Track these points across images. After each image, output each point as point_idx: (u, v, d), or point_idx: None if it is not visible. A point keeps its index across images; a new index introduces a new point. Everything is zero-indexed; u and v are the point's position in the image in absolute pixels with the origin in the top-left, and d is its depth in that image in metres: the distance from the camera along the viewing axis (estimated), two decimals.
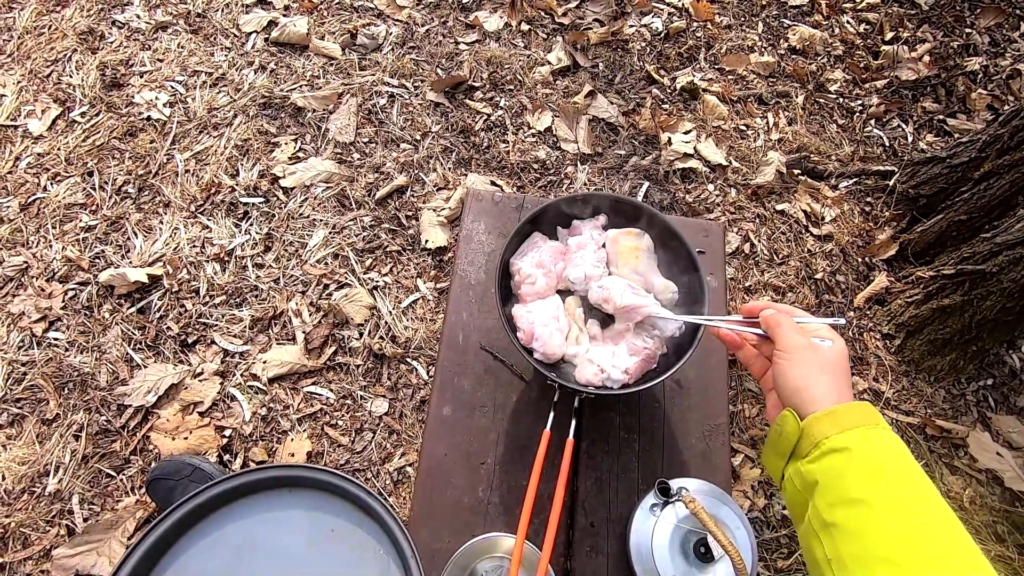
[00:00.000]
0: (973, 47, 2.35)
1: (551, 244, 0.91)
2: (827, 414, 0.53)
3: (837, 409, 0.53)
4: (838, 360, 0.57)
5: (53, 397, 1.50)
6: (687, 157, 1.97)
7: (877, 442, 0.51)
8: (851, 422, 0.52)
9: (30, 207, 1.78)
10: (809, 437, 0.53)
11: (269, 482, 0.77)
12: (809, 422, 0.54)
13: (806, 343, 0.58)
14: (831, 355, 0.58)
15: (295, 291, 1.67)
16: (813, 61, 2.29)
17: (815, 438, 0.53)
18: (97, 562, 1.32)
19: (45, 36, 2.11)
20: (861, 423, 0.52)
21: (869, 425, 0.52)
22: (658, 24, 2.30)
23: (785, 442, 0.56)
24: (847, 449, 0.51)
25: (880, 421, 0.53)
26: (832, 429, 0.52)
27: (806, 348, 0.58)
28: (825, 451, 0.52)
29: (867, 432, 0.52)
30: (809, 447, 0.53)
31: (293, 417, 1.50)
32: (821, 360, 0.57)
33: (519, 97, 2.06)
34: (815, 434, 0.53)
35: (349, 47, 2.14)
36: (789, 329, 0.60)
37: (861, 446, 0.51)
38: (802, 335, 0.59)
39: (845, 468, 0.50)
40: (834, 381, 0.56)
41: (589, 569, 0.84)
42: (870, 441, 0.51)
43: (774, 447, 0.58)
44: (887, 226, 1.91)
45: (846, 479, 0.50)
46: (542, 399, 0.94)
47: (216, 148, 1.89)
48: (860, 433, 0.51)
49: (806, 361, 0.57)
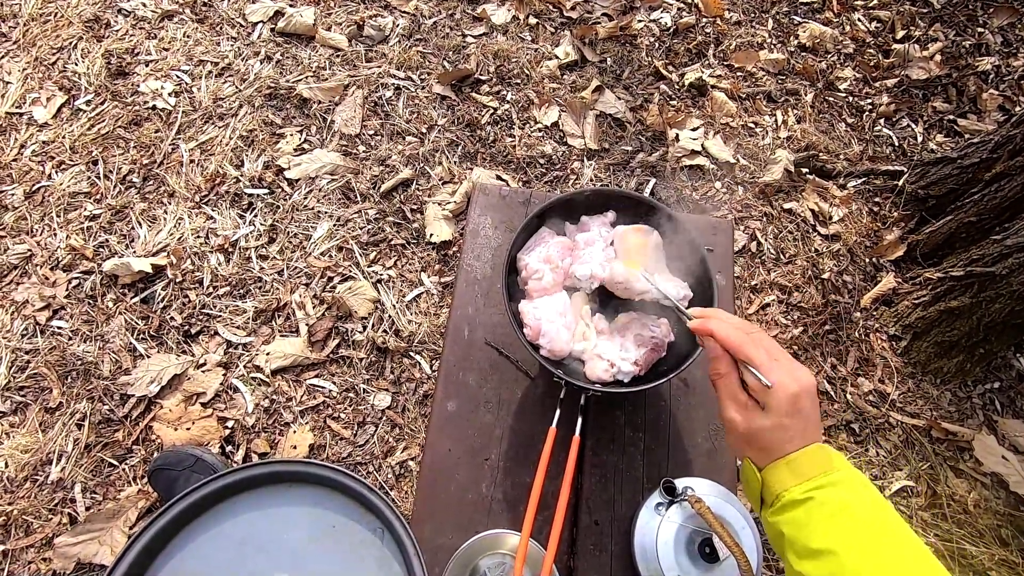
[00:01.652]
0: (985, 47, 2.33)
1: (559, 239, 0.90)
2: (784, 463, 0.52)
3: (793, 457, 0.52)
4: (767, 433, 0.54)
5: (56, 386, 1.50)
6: (694, 154, 1.95)
7: (837, 489, 0.50)
8: (808, 471, 0.51)
9: (35, 195, 1.78)
10: (769, 488, 0.53)
11: (270, 477, 0.76)
12: (766, 473, 0.54)
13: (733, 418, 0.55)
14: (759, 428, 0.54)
15: (299, 283, 1.66)
16: (823, 59, 2.27)
17: (775, 489, 0.53)
18: (99, 551, 1.32)
19: (51, 23, 2.10)
20: (818, 471, 0.51)
21: (826, 472, 0.51)
22: (667, 19, 2.27)
23: (752, 490, 0.56)
24: (807, 500, 0.50)
25: (835, 463, 0.52)
26: (790, 480, 0.52)
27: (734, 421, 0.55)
28: (786, 503, 0.52)
29: (825, 479, 0.51)
30: (771, 497, 0.53)
31: (296, 409, 1.50)
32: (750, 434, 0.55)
33: (526, 91, 2.04)
34: (775, 485, 0.53)
35: (356, 38, 2.13)
36: (721, 396, 0.57)
37: (820, 495, 0.50)
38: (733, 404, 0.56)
39: (807, 520, 0.50)
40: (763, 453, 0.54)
41: (593, 567, 0.83)
42: (829, 489, 0.50)
43: (746, 490, 0.58)
44: (895, 226, 1.90)
45: (809, 531, 0.49)
46: (547, 396, 0.93)
47: (221, 138, 1.88)
48: (818, 481, 0.51)
49: (734, 435, 0.56)
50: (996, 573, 1.40)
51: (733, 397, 0.57)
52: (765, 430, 0.54)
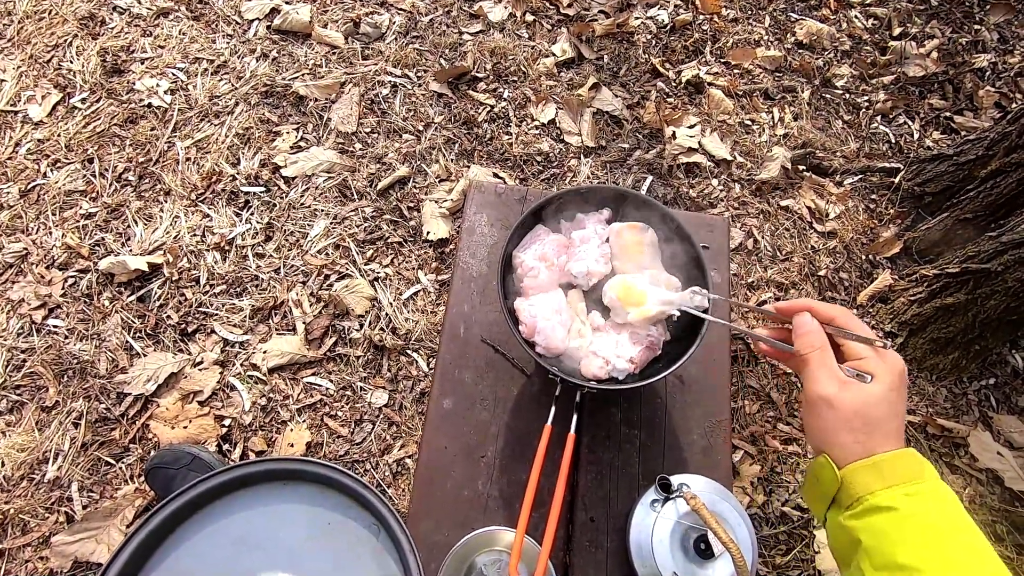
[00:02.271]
0: (982, 44, 2.33)
1: (554, 237, 0.90)
2: (869, 465, 0.48)
3: (880, 460, 0.48)
4: (872, 405, 0.50)
5: (52, 384, 1.50)
6: (691, 151, 1.95)
7: (926, 500, 0.47)
8: (896, 477, 0.47)
9: (30, 193, 1.77)
10: (849, 490, 0.49)
11: (266, 475, 0.76)
12: (848, 473, 0.49)
13: (829, 394, 0.51)
14: (862, 402, 0.50)
15: (296, 281, 1.66)
16: (820, 56, 2.27)
17: (856, 492, 0.48)
18: (96, 549, 1.32)
19: (45, 21, 2.09)
20: (907, 479, 0.47)
21: (915, 481, 0.47)
22: (664, 16, 2.27)
23: (824, 489, 0.51)
24: (893, 509, 0.46)
25: (926, 473, 0.48)
26: (876, 484, 0.47)
27: (826, 401, 0.51)
28: (868, 508, 0.47)
29: (914, 488, 0.47)
30: (850, 500, 0.49)
31: (293, 407, 1.50)
32: (845, 416, 0.50)
33: (523, 89, 2.04)
34: (856, 488, 0.48)
35: (352, 36, 2.12)
36: (815, 371, 0.52)
37: (909, 506, 0.46)
38: (830, 380, 0.51)
39: (892, 530, 0.46)
40: (863, 435, 0.49)
41: (588, 564, 0.84)
42: (918, 499, 0.47)
43: (812, 491, 0.53)
44: (892, 223, 1.90)
45: (894, 543, 0.46)
46: (543, 393, 0.94)
47: (217, 136, 1.88)
48: (908, 490, 0.47)
49: (825, 418, 0.51)
50: None
51: (832, 371, 0.52)
52: (877, 401, 0.50)
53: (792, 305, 0.58)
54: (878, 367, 0.52)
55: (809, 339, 0.54)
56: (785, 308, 0.59)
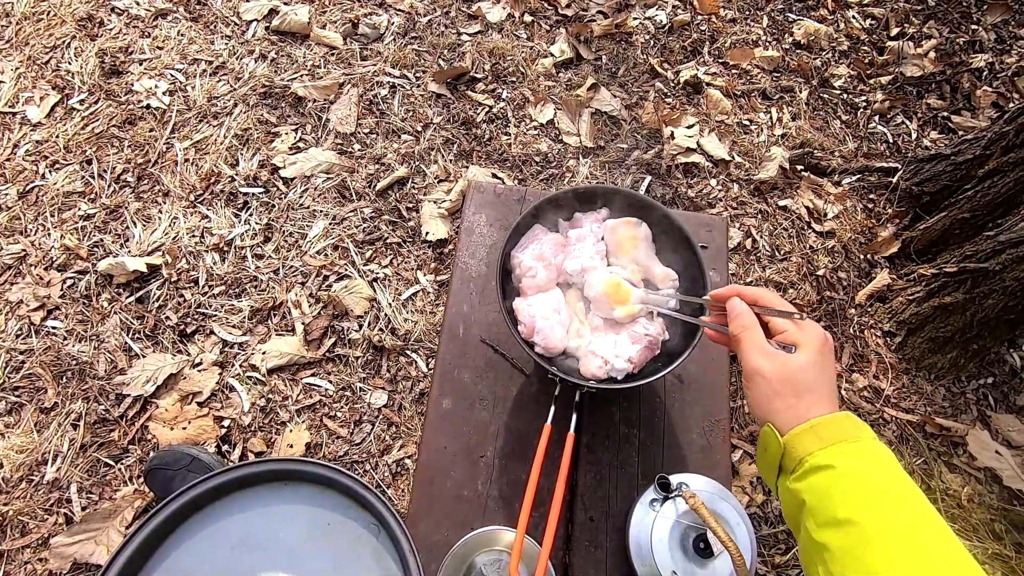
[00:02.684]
0: (979, 44, 2.34)
1: (552, 236, 0.90)
2: (807, 429, 0.51)
3: (817, 423, 0.51)
4: (803, 371, 0.54)
5: (51, 386, 1.50)
6: (690, 151, 1.95)
7: (862, 457, 0.50)
8: (833, 436, 0.50)
9: (28, 195, 1.77)
10: (791, 454, 0.52)
11: (266, 475, 0.76)
12: (789, 438, 0.52)
13: (762, 365, 0.55)
14: (792, 369, 0.54)
15: (295, 282, 1.66)
16: (818, 56, 2.27)
17: (798, 455, 0.51)
18: (95, 551, 1.32)
19: (44, 22, 2.09)
20: (843, 437, 0.50)
21: (851, 439, 0.50)
22: (662, 17, 2.28)
23: (770, 458, 0.54)
24: (831, 467, 0.49)
25: (863, 433, 0.51)
26: (814, 445, 0.50)
27: (761, 372, 0.55)
28: (808, 469, 0.50)
29: (851, 447, 0.50)
30: (793, 464, 0.52)
31: (292, 408, 1.50)
32: (778, 382, 0.54)
33: (521, 89, 2.04)
34: (797, 451, 0.51)
35: (350, 37, 2.12)
36: (747, 348, 0.57)
37: (845, 462, 0.49)
38: (761, 354, 0.56)
39: (830, 487, 0.49)
40: (798, 400, 0.53)
41: (588, 563, 0.84)
42: (855, 456, 0.49)
43: (762, 460, 0.56)
44: (890, 223, 1.90)
45: (833, 499, 0.48)
46: (542, 393, 0.94)
47: (216, 137, 1.88)
48: (843, 448, 0.50)
49: (762, 387, 0.55)
50: (990, 567, 1.41)
51: (761, 347, 0.56)
52: (800, 368, 0.54)
53: (723, 292, 0.63)
54: (801, 337, 0.56)
55: (740, 320, 0.59)
56: (718, 295, 0.64)
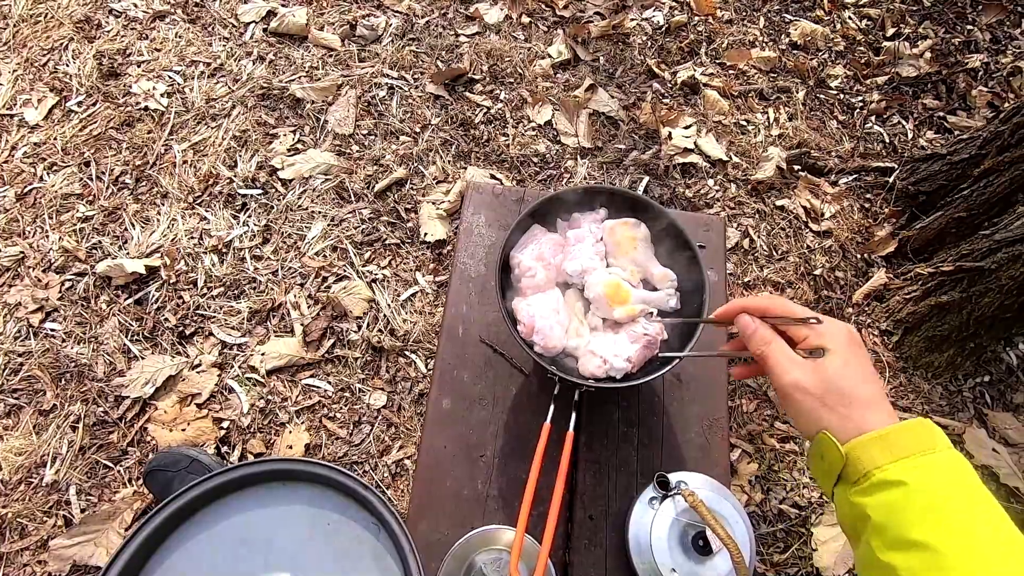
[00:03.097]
0: (974, 44, 2.35)
1: (551, 236, 0.90)
2: (876, 438, 0.46)
3: (888, 432, 0.46)
4: (840, 377, 0.50)
5: (50, 388, 1.50)
6: (687, 152, 1.96)
7: (938, 472, 0.45)
8: (905, 448, 0.45)
9: (26, 197, 1.77)
10: (856, 465, 0.47)
11: (266, 475, 0.76)
12: (854, 447, 0.47)
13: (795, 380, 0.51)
14: (829, 377, 0.50)
15: (293, 283, 1.66)
16: (814, 57, 2.28)
17: (863, 467, 0.46)
18: (95, 553, 1.32)
19: (41, 24, 2.09)
20: (917, 449, 0.45)
21: (926, 451, 0.45)
22: (659, 18, 2.28)
23: (828, 466, 0.49)
24: (903, 483, 0.44)
25: (938, 443, 0.46)
26: (883, 458, 0.45)
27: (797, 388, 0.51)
28: (876, 483, 0.45)
29: (925, 460, 0.45)
30: (857, 475, 0.47)
31: (291, 409, 1.50)
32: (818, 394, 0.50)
33: (519, 90, 2.05)
34: (863, 462, 0.46)
35: (348, 38, 2.13)
36: (775, 365, 0.53)
37: (920, 479, 0.44)
38: (792, 366, 0.52)
39: (902, 505, 0.44)
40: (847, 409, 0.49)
41: (588, 562, 0.84)
42: (929, 472, 0.44)
43: (818, 468, 0.51)
44: (886, 223, 1.91)
45: (905, 518, 0.43)
46: (541, 392, 0.94)
47: (214, 139, 1.88)
48: (917, 462, 0.44)
49: (804, 404, 0.50)
50: None
51: (790, 359, 0.52)
52: (838, 373, 0.50)
53: (728, 309, 0.59)
54: (826, 339, 0.52)
55: (758, 337, 0.55)
56: (722, 314, 0.60)
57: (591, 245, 0.87)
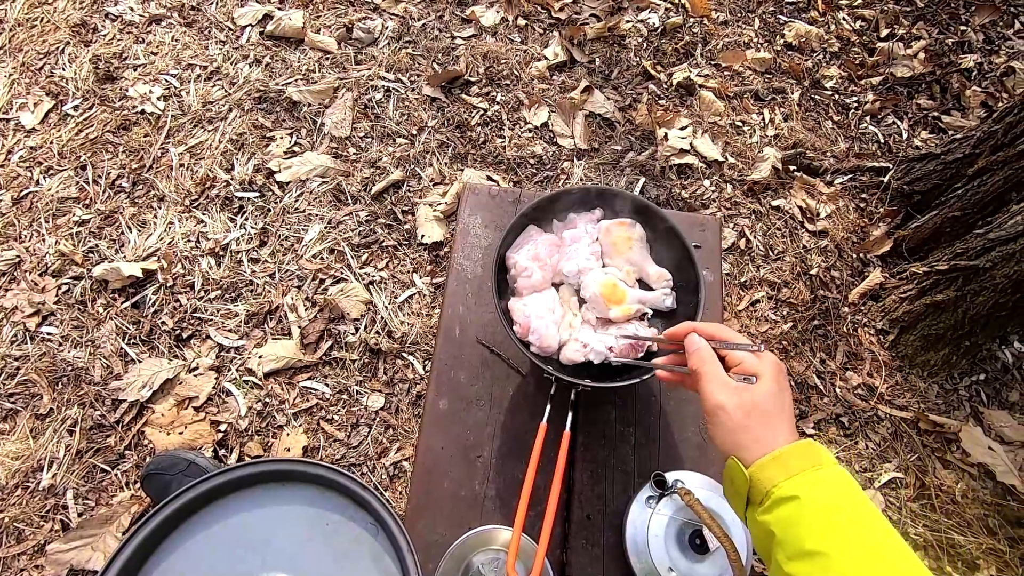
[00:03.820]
0: (968, 44, 2.36)
1: (547, 237, 0.91)
2: (772, 459, 0.52)
3: (780, 453, 0.52)
4: (764, 401, 0.55)
5: (47, 392, 1.49)
6: (683, 153, 1.97)
7: (825, 486, 0.50)
8: (796, 466, 0.50)
9: (23, 201, 1.77)
10: (757, 486, 0.52)
11: (264, 476, 0.76)
12: (755, 470, 0.52)
13: (723, 400, 0.55)
14: (754, 399, 0.55)
15: (291, 286, 1.66)
16: (809, 57, 2.29)
17: (764, 487, 0.51)
18: (92, 557, 1.31)
19: (37, 28, 2.09)
20: (806, 466, 0.50)
21: (813, 468, 0.50)
22: (655, 19, 2.29)
23: (737, 489, 0.54)
24: (795, 497, 0.49)
25: (824, 461, 0.51)
26: (779, 476, 0.51)
27: (724, 407, 0.55)
28: (775, 500, 0.50)
29: (813, 476, 0.50)
30: (760, 496, 0.52)
31: (289, 412, 1.50)
32: (742, 415, 0.54)
33: (515, 92, 2.05)
34: (763, 482, 0.51)
35: (345, 41, 2.13)
36: (708, 384, 0.57)
37: (809, 492, 0.49)
38: (722, 388, 0.56)
39: (797, 518, 0.49)
40: (763, 430, 0.54)
41: (585, 561, 0.84)
42: (818, 485, 0.50)
43: (729, 491, 0.57)
44: (882, 222, 1.92)
45: (800, 530, 0.48)
46: (538, 392, 0.94)
47: (211, 142, 1.88)
48: (806, 478, 0.50)
49: (726, 422, 0.55)
50: (984, 562, 1.42)
51: (722, 380, 0.57)
52: (764, 399, 0.54)
53: (679, 330, 0.64)
54: (760, 367, 0.57)
55: (698, 355, 0.60)
56: (672, 334, 0.65)
57: (587, 245, 0.88)
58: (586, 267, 0.86)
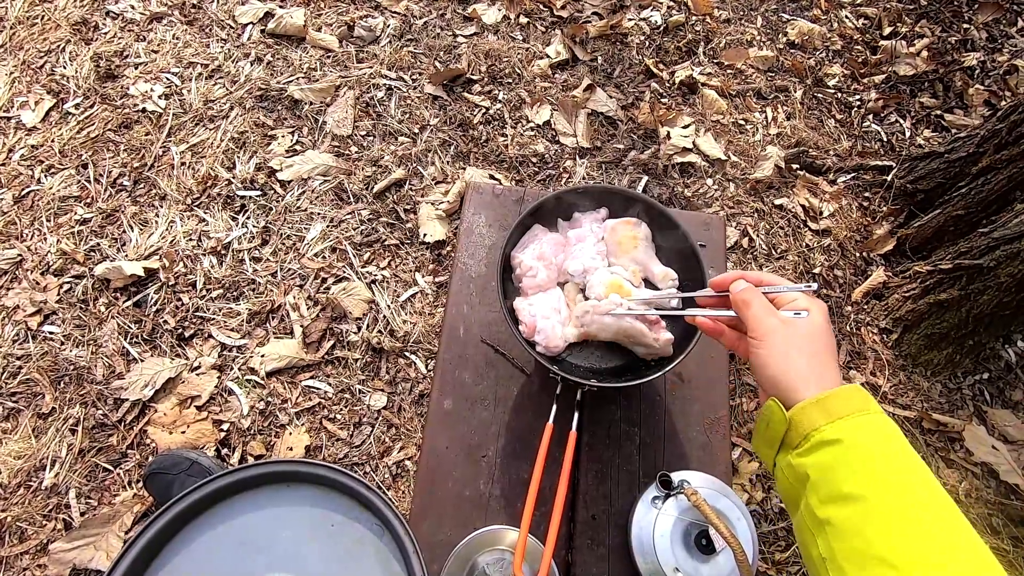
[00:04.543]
0: (971, 42, 2.35)
1: (552, 236, 0.90)
2: (815, 402, 0.50)
3: (825, 396, 0.50)
4: (816, 334, 0.54)
5: (49, 391, 1.49)
6: (686, 151, 1.96)
7: (870, 431, 0.48)
8: (841, 410, 0.49)
9: (24, 199, 1.76)
10: (797, 428, 0.50)
11: (268, 477, 0.76)
12: (795, 412, 0.50)
13: (776, 324, 0.54)
14: (807, 330, 0.54)
15: (293, 285, 1.66)
16: (812, 56, 2.29)
17: (804, 429, 0.49)
18: (95, 556, 1.31)
19: (38, 26, 2.09)
20: (851, 411, 0.48)
21: (859, 413, 0.49)
22: (657, 18, 2.29)
23: (773, 432, 0.52)
24: (838, 441, 0.47)
25: (871, 406, 0.49)
26: (821, 419, 0.49)
27: (777, 330, 0.54)
28: (815, 444, 0.49)
29: (858, 421, 0.48)
30: (798, 438, 0.50)
31: (291, 411, 1.50)
32: (796, 340, 0.53)
33: (518, 90, 2.05)
34: (803, 425, 0.49)
35: (346, 39, 2.12)
36: (759, 310, 0.56)
37: (853, 437, 0.47)
38: (773, 315, 0.56)
39: (837, 462, 0.47)
40: (814, 360, 0.52)
41: (591, 561, 0.84)
42: (862, 431, 0.48)
43: (763, 436, 0.55)
44: (885, 221, 1.92)
45: (838, 474, 0.47)
46: (543, 392, 0.94)
47: (212, 141, 1.88)
48: (851, 423, 0.48)
49: (779, 345, 0.53)
50: None
51: (771, 310, 0.56)
52: (816, 331, 0.53)
53: (724, 278, 0.63)
54: (810, 304, 0.56)
55: (747, 292, 0.58)
56: (718, 282, 0.63)
57: (592, 244, 0.87)
58: (591, 266, 0.86)
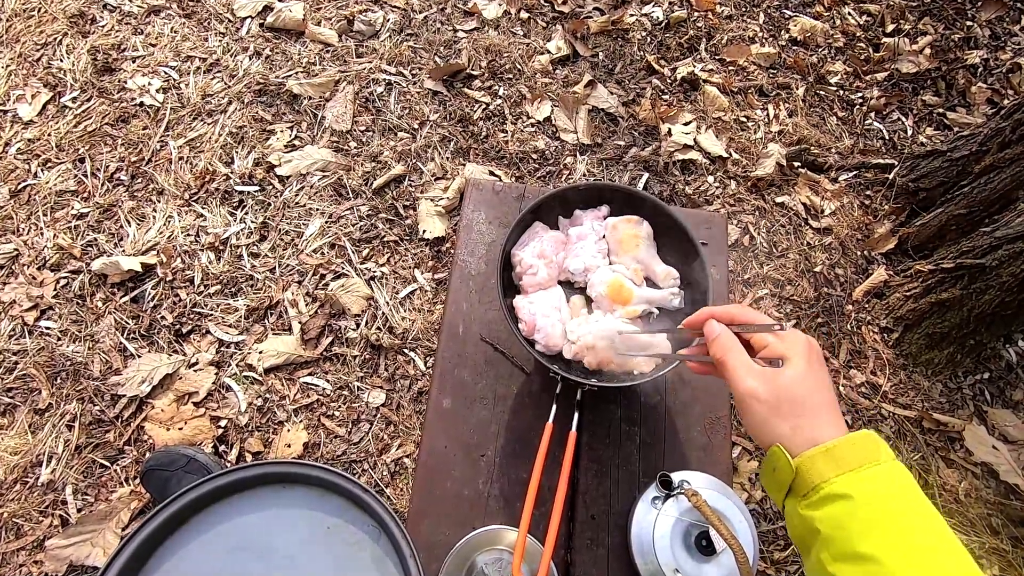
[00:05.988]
0: (974, 40, 2.34)
1: (552, 234, 0.89)
2: (822, 452, 0.47)
3: (834, 445, 0.47)
4: (798, 388, 0.50)
5: (45, 387, 1.48)
6: (687, 148, 1.95)
7: (882, 484, 0.46)
8: (851, 461, 0.46)
9: (20, 194, 1.75)
10: (804, 478, 0.47)
11: (265, 478, 0.75)
12: (803, 461, 0.47)
13: (753, 387, 0.51)
14: (788, 385, 0.50)
15: (291, 281, 1.65)
16: (814, 53, 2.27)
17: (812, 480, 0.47)
18: (91, 553, 1.31)
19: (35, 19, 2.07)
20: (862, 462, 0.46)
21: (871, 464, 0.46)
22: (659, 13, 2.27)
23: (780, 477, 0.50)
24: (849, 497, 0.45)
25: (882, 455, 0.47)
26: (830, 471, 0.46)
27: (754, 395, 0.51)
28: (824, 496, 0.46)
29: (869, 473, 0.46)
30: (806, 488, 0.47)
31: (289, 408, 1.49)
32: (776, 404, 0.50)
33: (518, 86, 2.03)
34: (812, 476, 0.47)
35: (346, 33, 2.11)
36: (733, 372, 0.53)
37: (865, 492, 0.45)
38: (750, 374, 0.52)
39: (849, 519, 0.45)
40: (801, 421, 0.49)
41: (590, 562, 0.83)
42: (874, 483, 0.45)
43: (769, 479, 0.52)
44: (886, 219, 1.91)
45: (851, 531, 0.44)
46: (543, 391, 0.93)
47: (210, 135, 1.86)
48: (862, 475, 0.46)
49: (759, 413, 0.51)
50: (987, 561, 1.42)
51: (747, 367, 0.53)
52: (794, 383, 0.50)
53: (696, 317, 0.60)
54: (785, 349, 0.53)
55: (719, 342, 0.55)
56: (690, 322, 0.61)
57: (593, 243, 0.86)
58: (592, 264, 0.85)
